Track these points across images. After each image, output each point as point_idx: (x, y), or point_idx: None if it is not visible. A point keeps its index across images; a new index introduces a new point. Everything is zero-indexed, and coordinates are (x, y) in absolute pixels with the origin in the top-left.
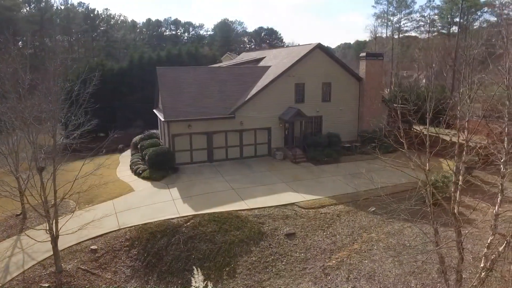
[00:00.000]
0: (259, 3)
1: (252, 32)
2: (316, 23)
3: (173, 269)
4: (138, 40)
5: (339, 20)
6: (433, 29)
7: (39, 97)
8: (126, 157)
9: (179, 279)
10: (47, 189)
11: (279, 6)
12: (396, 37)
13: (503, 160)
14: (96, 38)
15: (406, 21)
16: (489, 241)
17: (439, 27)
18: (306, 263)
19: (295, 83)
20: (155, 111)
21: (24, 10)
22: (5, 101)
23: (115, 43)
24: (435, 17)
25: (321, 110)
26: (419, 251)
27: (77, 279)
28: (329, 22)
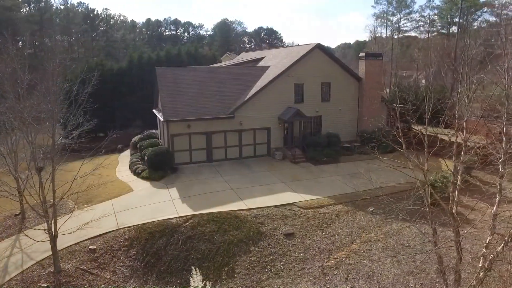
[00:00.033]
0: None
1: (252, 32)
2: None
3: (172, 269)
4: (137, 40)
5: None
6: (432, 29)
7: (38, 97)
8: (125, 157)
9: (178, 279)
10: (46, 189)
11: (279, 6)
12: (395, 37)
13: (501, 160)
14: (95, 38)
15: (405, 21)
16: (487, 241)
17: (439, 27)
18: (305, 263)
19: (294, 83)
20: (154, 111)
21: (23, 10)
22: (4, 101)
23: (115, 43)
24: (435, 17)
25: (320, 110)
26: (417, 251)
27: (76, 279)
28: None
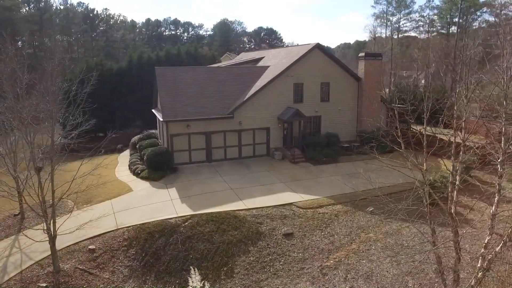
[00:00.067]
0: (259, 3)
1: (251, 32)
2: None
3: (171, 269)
4: (137, 40)
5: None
6: (432, 29)
7: (37, 97)
8: (124, 157)
9: (177, 279)
10: (45, 189)
11: (279, 6)
12: (395, 37)
13: (500, 160)
14: (95, 38)
15: (405, 21)
16: (486, 241)
17: (439, 27)
18: (304, 263)
19: (293, 83)
20: (153, 111)
21: (23, 10)
22: (3, 101)
23: (115, 43)
24: (435, 17)
25: (319, 110)
26: (416, 251)
27: (75, 279)
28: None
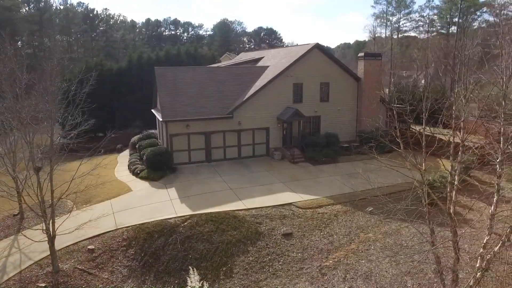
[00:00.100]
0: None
1: (251, 32)
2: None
3: (170, 269)
4: (137, 40)
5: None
6: (432, 29)
7: (36, 97)
8: (124, 157)
9: (176, 279)
10: (44, 189)
11: (279, 6)
12: (395, 37)
13: (499, 160)
14: (95, 38)
15: (405, 21)
16: (485, 241)
17: (438, 27)
18: (303, 263)
19: (293, 83)
20: (153, 111)
21: (23, 10)
22: (2, 101)
23: (115, 43)
24: (434, 17)
25: (319, 110)
26: (416, 251)
27: (74, 279)
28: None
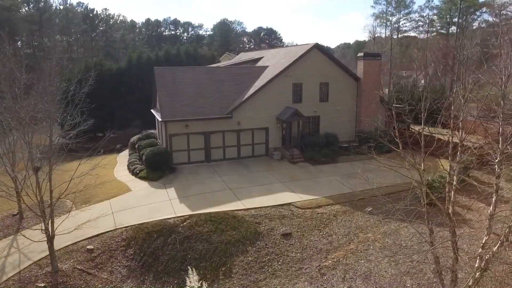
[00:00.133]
0: (259, 3)
1: (251, 32)
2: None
3: (169, 269)
4: (137, 40)
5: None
6: (432, 29)
7: (35, 97)
8: (123, 157)
9: (175, 279)
10: (43, 189)
11: (279, 6)
12: (395, 37)
13: (498, 160)
14: (95, 38)
15: (405, 21)
16: (483, 241)
17: (438, 27)
18: (302, 263)
19: (292, 83)
20: (152, 111)
21: (23, 10)
22: (1, 101)
23: (114, 43)
24: (434, 17)
25: (318, 110)
26: (415, 251)
27: (73, 279)
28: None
